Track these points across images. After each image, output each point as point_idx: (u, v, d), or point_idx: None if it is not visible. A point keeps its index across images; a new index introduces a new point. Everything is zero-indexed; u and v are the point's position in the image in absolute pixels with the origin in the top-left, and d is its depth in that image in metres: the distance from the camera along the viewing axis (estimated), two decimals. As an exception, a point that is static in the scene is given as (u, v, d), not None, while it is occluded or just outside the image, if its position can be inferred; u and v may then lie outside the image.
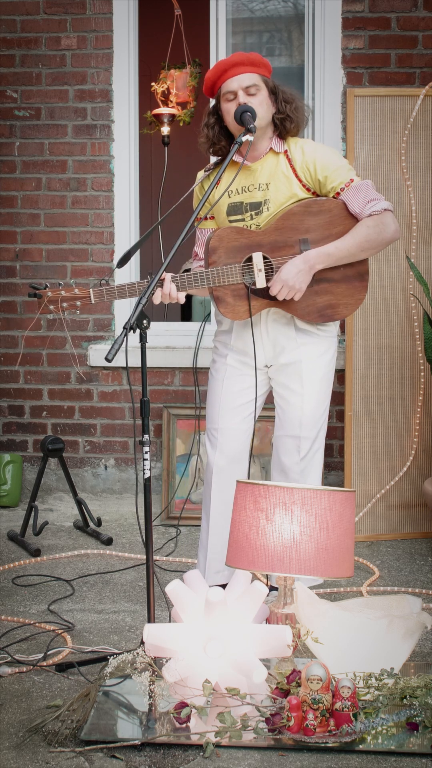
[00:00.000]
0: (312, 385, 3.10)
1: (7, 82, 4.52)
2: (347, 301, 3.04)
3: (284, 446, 3.17)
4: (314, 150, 3.00)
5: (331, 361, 3.15)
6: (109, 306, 4.54)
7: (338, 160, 3.00)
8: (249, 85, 2.95)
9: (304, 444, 3.14)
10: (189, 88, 5.34)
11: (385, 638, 2.47)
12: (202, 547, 3.22)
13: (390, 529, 4.07)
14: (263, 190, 3.00)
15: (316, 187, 3.00)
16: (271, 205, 3.00)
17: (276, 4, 4.91)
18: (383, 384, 4.04)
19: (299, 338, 3.08)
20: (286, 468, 3.17)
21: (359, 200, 2.96)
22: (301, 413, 3.12)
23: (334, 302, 3.03)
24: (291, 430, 3.14)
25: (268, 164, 3.01)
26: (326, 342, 3.12)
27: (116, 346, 2.55)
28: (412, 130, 4.00)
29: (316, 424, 3.15)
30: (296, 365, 3.09)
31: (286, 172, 2.99)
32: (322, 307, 3.02)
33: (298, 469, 3.15)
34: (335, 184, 2.97)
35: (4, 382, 4.61)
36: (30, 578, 3.52)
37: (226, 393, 3.15)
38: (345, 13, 4.34)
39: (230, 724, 2.26)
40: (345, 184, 2.97)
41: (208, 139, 3.07)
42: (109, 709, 2.43)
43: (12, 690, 2.57)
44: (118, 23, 4.45)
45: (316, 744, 2.25)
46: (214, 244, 2.95)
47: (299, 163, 2.98)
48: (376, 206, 2.96)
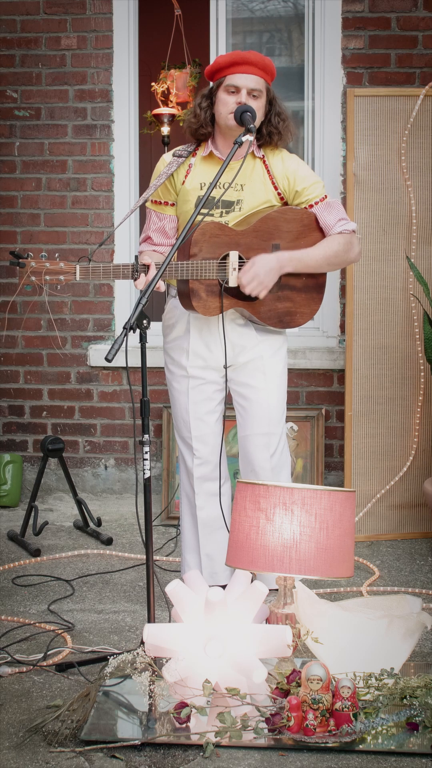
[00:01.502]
0: (274, 379, 3.15)
1: (7, 82, 4.52)
2: (303, 311, 3.12)
3: (253, 445, 3.17)
4: (294, 162, 3.09)
5: (286, 357, 3.22)
6: (109, 306, 4.54)
7: (315, 176, 3.12)
8: (255, 88, 2.97)
9: (273, 440, 3.16)
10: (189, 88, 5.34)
11: (385, 638, 2.47)
12: (191, 548, 3.24)
13: (390, 529, 4.07)
14: (237, 191, 3.03)
15: (289, 197, 3.09)
16: (244, 206, 3.04)
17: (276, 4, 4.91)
18: (383, 384, 4.04)
19: (259, 336, 3.13)
20: (257, 467, 3.17)
21: (332, 216, 3.06)
22: (268, 409, 3.14)
23: (293, 310, 3.10)
24: (259, 428, 3.15)
25: (245, 166, 3.03)
26: (281, 338, 3.19)
27: (116, 346, 2.54)
28: (412, 130, 4.00)
29: (281, 420, 3.20)
30: (257, 361, 3.12)
31: (262, 178, 3.05)
32: (281, 313, 3.08)
33: (269, 467, 3.16)
34: (310, 197, 3.06)
35: (4, 382, 4.61)
36: (30, 578, 3.52)
37: (193, 402, 3.16)
38: (345, 13, 4.33)
39: (230, 724, 2.26)
40: (320, 198, 3.07)
41: (198, 121, 3.06)
42: (109, 709, 2.43)
43: (12, 690, 2.57)
44: (118, 23, 4.45)
45: (316, 744, 2.25)
46: (197, 237, 2.93)
47: (279, 172, 3.05)
48: (347, 225, 3.07)
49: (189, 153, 3.09)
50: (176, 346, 3.17)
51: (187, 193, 3.06)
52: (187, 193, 3.06)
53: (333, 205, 3.08)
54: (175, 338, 3.17)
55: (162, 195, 3.12)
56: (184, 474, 3.25)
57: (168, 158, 3.11)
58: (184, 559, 3.27)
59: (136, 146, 4.58)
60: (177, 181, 3.08)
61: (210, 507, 3.19)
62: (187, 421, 3.17)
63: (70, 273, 2.84)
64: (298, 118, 4.54)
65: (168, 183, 3.10)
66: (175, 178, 3.09)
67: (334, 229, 3.06)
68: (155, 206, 3.14)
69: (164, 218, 3.13)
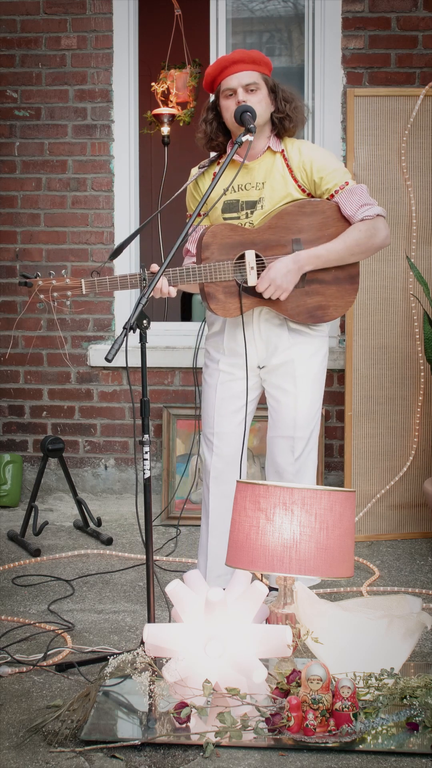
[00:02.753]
0: (305, 384, 3.11)
1: (7, 82, 4.52)
2: (337, 303, 3.05)
3: (278, 447, 3.16)
4: (311, 151, 3.01)
5: (323, 361, 3.16)
6: (109, 306, 4.54)
7: (335, 163, 3.01)
8: (249, 83, 2.95)
9: (298, 444, 3.14)
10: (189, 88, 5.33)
11: (385, 638, 2.47)
12: (202, 550, 3.23)
13: (390, 529, 4.07)
14: (259, 189, 3.01)
15: (311, 188, 3.01)
16: (266, 203, 3.00)
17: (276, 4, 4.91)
18: (383, 384, 4.04)
19: (292, 338, 3.08)
20: (280, 469, 3.17)
21: (353, 203, 2.97)
22: (294, 413, 3.12)
23: (324, 303, 3.04)
24: (285, 431, 3.14)
25: (264, 163, 3.01)
26: (318, 341, 3.12)
27: (116, 346, 2.54)
28: (412, 130, 4.00)
29: (309, 425, 3.16)
30: (289, 365, 3.09)
31: (282, 171, 3.00)
32: (312, 308, 3.03)
33: (292, 470, 3.15)
34: (330, 186, 2.98)
35: (4, 382, 4.61)
36: (30, 578, 3.52)
37: (220, 398, 3.15)
38: (345, 13, 4.34)
39: (230, 724, 2.26)
40: (340, 186, 2.98)
41: (206, 135, 3.07)
42: (109, 709, 2.43)
43: (12, 690, 2.57)
44: (118, 23, 4.45)
45: (316, 744, 2.25)
46: (208, 240, 2.94)
47: (296, 163, 2.99)
48: (369, 211, 2.97)
49: (211, 162, 3.10)
50: (213, 342, 3.18)
51: (213, 201, 3.05)
52: (213, 201, 3.05)
53: (354, 191, 2.98)
54: (213, 333, 3.19)
55: (192, 206, 3.13)
56: (204, 473, 3.26)
57: (194, 171, 3.14)
58: (198, 560, 3.27)
59: (136, 146, 4.58)
60: (203, 190, 3.08)
61: (222, 509, 3.17)
62: (212, 416, 3.16)
63: (76, 288, 2.89)
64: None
65: (195, 194, 3.10)
66: (201, 188, 3.09)
67: (356, 216, 2.97)
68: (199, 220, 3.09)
69: (199, 229, 3.11)
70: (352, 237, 2.97)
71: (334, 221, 2.99)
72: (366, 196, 2.99)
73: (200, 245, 2.96)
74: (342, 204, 2.98)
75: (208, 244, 2.94)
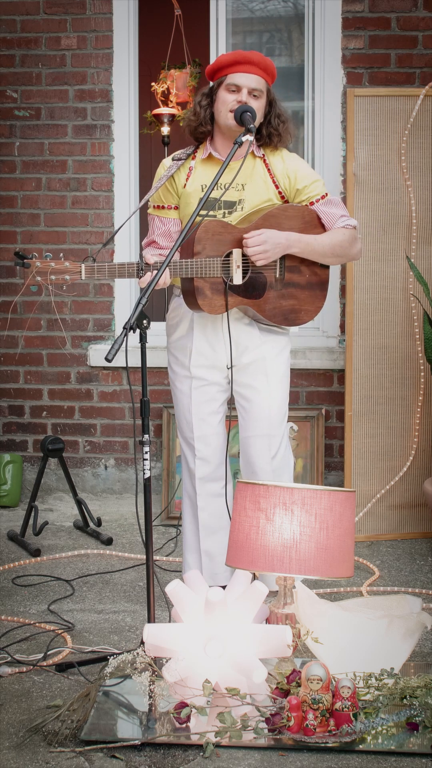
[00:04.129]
0: (277, 381, 3.15)
1: (7, 82, 4.52)
2: (308, 308, 3.13)
3: (254, 447, 3.17)
4: (295, 161, 3.11)
5: (289, 359, 3.22)
6: (109, 306, 4.54)
7: (315, 174, 3.14)
8: (256, 87, 2.98)
9: (274, 442, 3.15)
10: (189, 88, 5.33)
11: (385, 638, 2.47)
12: (193, 548, 3.23)
13: (390, 529, 4.07)
14: (239, 190, 3.04)
15: (290, 196, 3.10)
16: (246, 205, 3.05)
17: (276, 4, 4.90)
18: (383, 384, 4.04)
19: (263, 336, 3.13)
20: (257, 469, 3.17)
21: (333, 213, 3.09)
22: (269, 411, 3.14)
23: (297, 307, 3.10)
24: (260, 430, 3.15)
25: (246, 165, 3.03)
26: (284, 339, 3.19)
27: (116, 346, 2.54)
28: (412, 130, 4.00)
29: (282, 422, 3.19)
30: (260, 362, 3.12)
31: (263, 176, 3.06)
32: (286, 311, 3.09)
33: (270, 469, 3.16)
34: (311, 195, 3.08)
35: (4, 382, 4.61)
36: (30, 578, 3.52)
37: (196, 403, 3.16)
38: (345, 13, 4.33)
39: (230, 724, 2.26)
40: (321, 195, 3.09)
41: (197, 119, 3.07)
42: (109, 709, 2.43)
43: (12, 690, 2.58)
44: (118, 23, 4.45)
45: (316, 744, 2.25)
46: (201, 234, 2.93)
47: (280, 171, 3.06)
48: (349, 221, 3.10)
49: (188, 156, 3.10)
50: (180, 346, 3.17)
51: (189, 196, 3.07)
52: (189, 196, 3.07)
53: (333, 202, 3.11)
54: (178, 338, 3.17)
55: (164, 199, 3.13)
56: (186, 474, 3.25)
57: (168, 163, 3.12)
58: (185, 559, 3.27)
59: (136, 146, 4.58)
60: (178, 184, 3.08)
61: (211, 507, 3.19)
62: (190, 421, 3.17)
63: (75, 272, 2.83)
64: (298, 118, 4.54)
65: (169, 186, 3.10)
66: (176, 181, 3.09)
67: (336, 224, 3.08)
68: (157, 211, 3.15)
69: (168, 222, 3.13)
70: (337, 237, 3.08)
71: (312, 227, 3.09)
72: (344, 208, 3.13)
73: (192, 239, 2.94)
74: (321, 212, 3.08)
75: (201, 238, 2.93)
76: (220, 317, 3.07)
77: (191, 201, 3.06)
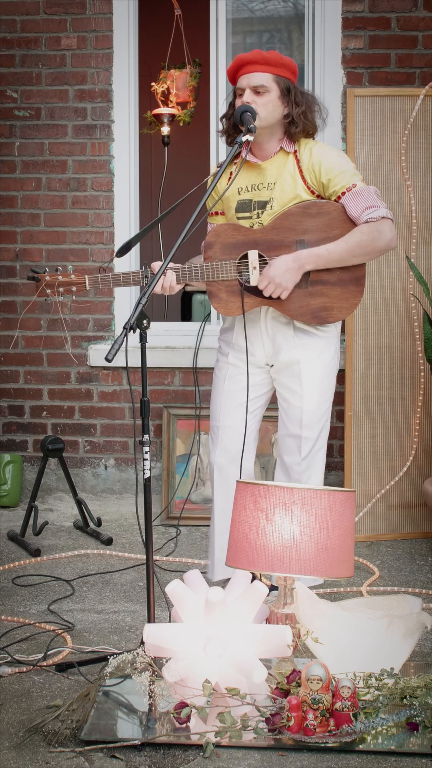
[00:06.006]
0: (311, 385, 3.11)
1: (7, 82, 4.52)
2: (341, 305, 3.04)
3: (286, 446, 3.19)
4: (321, 152, 3.01)
5: (331, 362, 3.16)
6: (109, 306, 4.54)
7: (344, 164, 3.00)
8: (257, 84, 2.97)
9: (305, 444, 3.15)
10: (189, 88, 5.33)
11: (385, 638, 2.47)
12: (211, 542, 3.28)
13: (390, 529, 4.07)
14: (270, 189, 3.03)
15: (320, 190, 3.00)
16: (275, 204, 3.02)
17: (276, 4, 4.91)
18: (383, 384, 4.04)
19: (297, 338, 3.09)
20: (288, 467, 3.20)
21: (358, 206, 2.95)
22: (301, 413, 3.13)
23: (328, 305, 3.03)
24: (292, 430, 3.16)
25: (276, 164, 3.03)
26: (324, 342, 3.12)
27: (116, 346, 2.55)
28: (412, 130, 4.00)
29: (317, 425, 3.16)
30: (294, 365, 3.11)
31: (292, 172, 3.01)
32: (316, 309, 3.03)
33: (299, 469, 3.17)
34: (337, 188, 2.97)
35: (4, 382, 4.61)
36: (30, 578, 3.52)
37: (227, 391, 3.18)
38: (345, 13, 4.33)
39: (230, 724, 2.26)
40: (347, 188, 2.96)
41: (225, 130, 3.13)
42: (109, 709, 2.43)
43: (12, 690, 2.57)
44: (118, 23, 4.45)
45: (316, 744, 2.25)
46: (211, 239, 2.98)
47: (306, 165, 3.00)
48: (374, 213, 2.94)
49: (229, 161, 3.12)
50: (225, 336, 3.23)
51: (228, 200, 3.09)
52: (228, 200, 3.09)
53: (361, 193, 2.96)
54: (226, 328, 3.24)
55: (211, 205, 3.16)
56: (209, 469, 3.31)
57: (215, 170, 3.18)
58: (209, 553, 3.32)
59: (136, 146, 4.58)
60: (220, 189, 3.09)
61: (223, 504, 3.20)
62: (219, 409, 3.20)
63: (80, 284, 3.00)
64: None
65: (213, 193, 3.10)
66: (218, 187, 3.10)
67: (360, 218, 2.96)
68: (210, 218, 3.18)
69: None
70: (354, 239, 2.96)
71: (339, 223, 2.98)
72: (372, 198, 2.96)
73: (204, 244, 3.00)
74: (347, 206, 2.96)
75: (212, 243, 2.97)
76: (258, 315, 3.08)
77: (231, 205, 3.09)
